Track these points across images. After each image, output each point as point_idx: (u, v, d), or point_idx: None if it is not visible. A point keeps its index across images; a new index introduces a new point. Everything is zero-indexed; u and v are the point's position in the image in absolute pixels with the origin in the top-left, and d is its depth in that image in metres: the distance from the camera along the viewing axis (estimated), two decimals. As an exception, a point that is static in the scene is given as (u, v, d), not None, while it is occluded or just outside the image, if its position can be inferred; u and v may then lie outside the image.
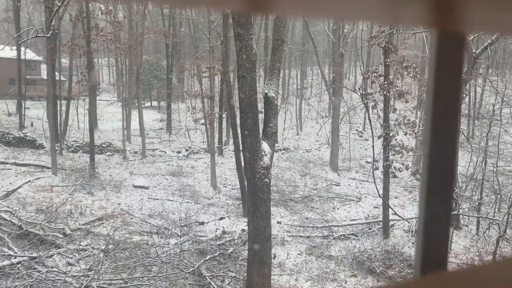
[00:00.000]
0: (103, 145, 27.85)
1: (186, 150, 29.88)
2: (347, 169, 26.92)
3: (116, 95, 50.35)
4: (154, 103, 46.95)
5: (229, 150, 28.94)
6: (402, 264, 13.39)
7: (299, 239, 15.71)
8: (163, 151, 29.33)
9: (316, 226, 16.90)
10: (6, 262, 10.66)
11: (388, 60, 14.79)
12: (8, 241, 12.10)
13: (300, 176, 24.90)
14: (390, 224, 16.65)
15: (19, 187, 18.20)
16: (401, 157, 14.53)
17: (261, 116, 10.08)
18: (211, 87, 24.85)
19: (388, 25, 13.49)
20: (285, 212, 18.72)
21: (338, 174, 25.89)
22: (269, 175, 9.76)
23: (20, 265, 10.63)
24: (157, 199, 19.46)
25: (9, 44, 22.76)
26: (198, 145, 31.44)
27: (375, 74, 14.80)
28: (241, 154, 12.53)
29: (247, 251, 10.56)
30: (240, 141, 11.95)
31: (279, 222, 17.08)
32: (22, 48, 30.82)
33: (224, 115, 28.73)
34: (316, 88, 48.29)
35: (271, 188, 11.26)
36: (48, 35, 21.37)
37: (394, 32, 14.97)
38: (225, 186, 22.85)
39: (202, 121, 31.00)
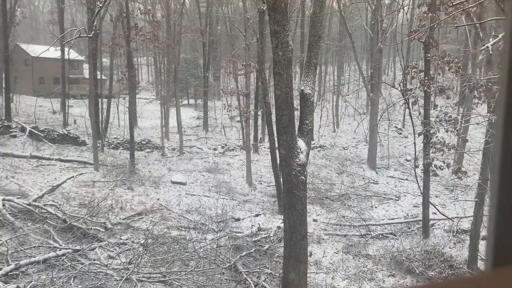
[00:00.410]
0: (142, 142, 28.55)
1: (222, 147, 30.16)
2: (385, 167, 26.37)
3: (155, 93, 51.51)
4: (191, 101, 47.70)
5: (264, 147, 28.97)
6: (443, 264, 12.99)
7: (335, 238, 15.54)
8: (200, 148, 29.74)
9: (353, 225, 16.67)
10: (52, 254, 11.13)
11: (429, 55, 14.33)
12: (53, 233, 12.64)
13: (337, 174, 24.60)
14: (430, 223, 16.19)
15: (63, 182, 18.94)
16: (442, 155, 14.06)
17: (297, 113, 10.00)
18: (246, 84, 24.95)
19: (428, 19, 13.06)
20: (322, 210, 18.56)
21: (376, 172, 25.40)
22: (305, 173, 9.68)
23: (64, 257, 11.07)
24: (194, 195, 19.77)
25: (54, 45, 23.72)
26: (234, 142, 31.67)
27: (415, 70, 14.38)
28: (277, 151, 12.51)
29: (283, 248, 10.54)
30: (275, 138, 11.93)
31: (315, 220, 16.95)
32: (66, 48, 32.03)
33: (259, 113, 28.78)
34: (353, 84, 47.52)
35: (307, 186, 11.16)
36: (90, 35, 22.09)
37: (435, 26, 14.48)
38: (261, 183, 22.91)
39: (238, 118, 31.19)
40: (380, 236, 15.85)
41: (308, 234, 10.59)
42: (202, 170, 24.16)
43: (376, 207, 19.24)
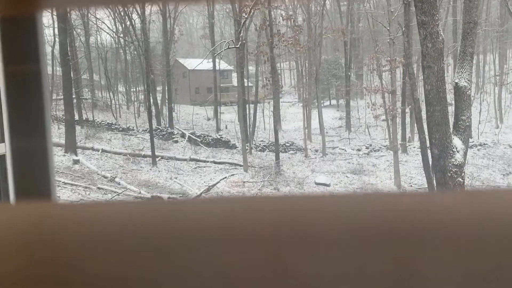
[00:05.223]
0: (286, 144, 29.39)
1: (367, 147, 29.24)
2: None
3: (297, 97, 52.63)
4: (333, 102, 47.41)
5: (413, 147, 27.24)
6: None
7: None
8: (343, 149, 29.32)
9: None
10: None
11: None
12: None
13: (502, 175, 21.78)
14: None
15: (218, 182, 20.59)
16: None
17: (451, 109, 9.21)
18: (392, 81, 23.81)
19: None
20: (483, 216, 16.63)
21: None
22: (463, 174, 8.82)
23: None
24: (338, 197, 19.56)
25: (206, 57, 26.04)
26: (379, 143, 30.44)
27: None
28: (428, 151, 11.62)
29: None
30: (426, 137, 11.09)
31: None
32: (217, 60, 34.85)
33: (407, 110, 27.22)
34: (519, 73, 41.59)
35: (465, 189, 10.13)
36: (238, 46, 23.63)
37: None
38: (411, 186, 21.56)
39: (383, 117, 29.89)
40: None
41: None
42: (346, 172, 23.78)
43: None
